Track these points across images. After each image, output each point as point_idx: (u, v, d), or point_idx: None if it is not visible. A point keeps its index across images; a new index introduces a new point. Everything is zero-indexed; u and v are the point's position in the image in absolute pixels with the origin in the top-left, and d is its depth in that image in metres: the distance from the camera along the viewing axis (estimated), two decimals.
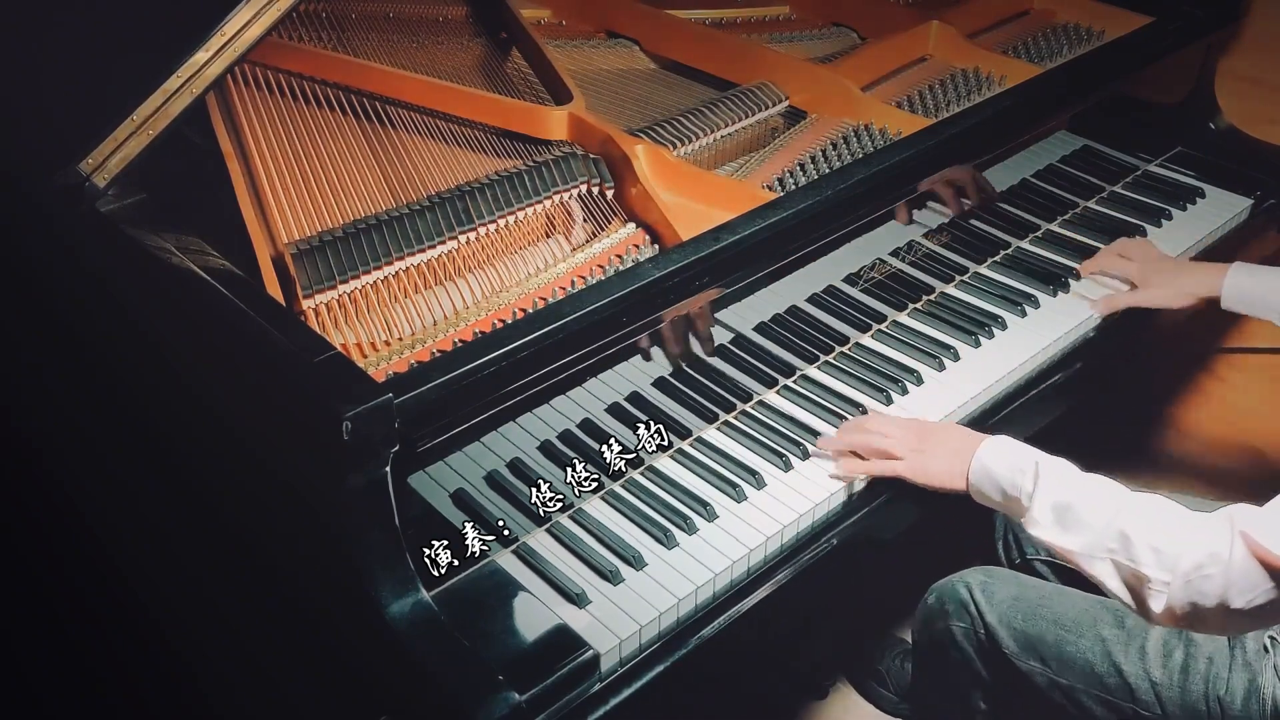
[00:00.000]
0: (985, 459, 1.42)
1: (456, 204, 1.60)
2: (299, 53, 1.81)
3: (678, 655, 1.31)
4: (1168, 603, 1.23)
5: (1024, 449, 1.41)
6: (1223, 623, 1.24)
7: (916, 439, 1.48)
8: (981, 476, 1.42)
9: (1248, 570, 1.18)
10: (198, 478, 1.47)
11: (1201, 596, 1.21)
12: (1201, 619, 1.23)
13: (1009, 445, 1.43)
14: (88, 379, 1.61)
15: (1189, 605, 1.22)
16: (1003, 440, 1.44)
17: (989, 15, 2.27)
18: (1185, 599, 1.22)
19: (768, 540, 1.42)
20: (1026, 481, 1.37)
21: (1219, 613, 1.21)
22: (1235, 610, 1.20)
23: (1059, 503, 1.33)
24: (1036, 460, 1.38)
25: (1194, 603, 1.22)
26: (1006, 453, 1.42)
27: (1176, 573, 1.22)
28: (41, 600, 1.91)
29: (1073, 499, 1.33)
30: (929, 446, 1.47)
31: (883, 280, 1.81)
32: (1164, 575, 1.23)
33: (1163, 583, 1.23)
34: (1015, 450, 1.42)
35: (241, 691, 1.57)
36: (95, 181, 1.43)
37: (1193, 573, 1.21)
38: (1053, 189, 2.10)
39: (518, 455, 1.43)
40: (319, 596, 1.30)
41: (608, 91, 1.97)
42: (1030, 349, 1.76)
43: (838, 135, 1.85)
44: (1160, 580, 1.23)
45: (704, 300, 1.51)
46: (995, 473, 1.40)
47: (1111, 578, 1.29)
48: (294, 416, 1.26)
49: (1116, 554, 1.27)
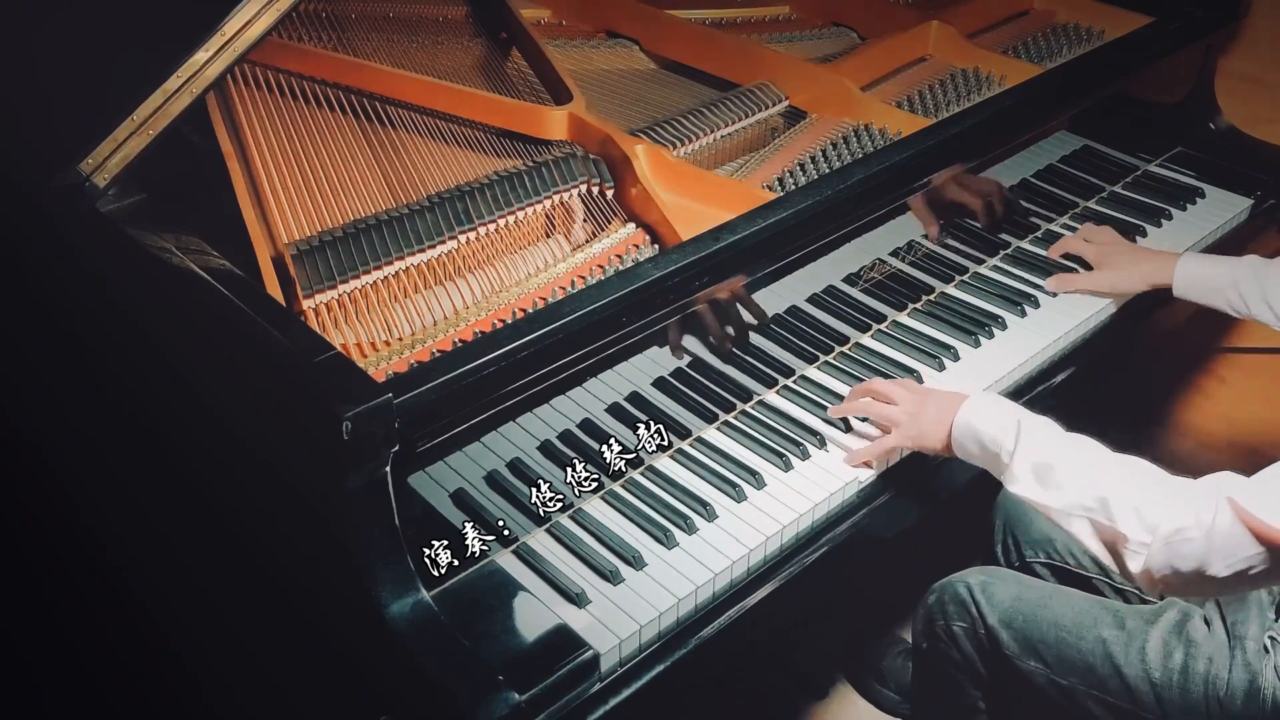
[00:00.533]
0: (968, 415, 1.43)
1: (456, 204, 1.60)
2: (299, 53, 1.80)
3: (678, 655, 1.31)
4: (1145, 564, 1.24)
5: (1007, 406, 1.44)
6: (1201, 586, 1.24)
7: (914, 405, 1.50)
8: (964, 432, 1.43)
9: (1231, 535, 1.19)
10: (198, 478, 1.47)
11: (1181, 559, 1.22)
12: (1181, 582, 1.24)
13: (992, 401, 1.46)
14: (88, 379, 1.61)
15: (1168, 567, 1.23)
16: (986, 396, 1.47)
17: (989, 15, 2.27)
18: (1164, 561, 1.23)
19: (767, 540, 1.42)
20: (1008, 439, 1.38)
21: (1197, 577, 1.22)
22: (1213, 575, 1.21)
23: (1039, 461, 1.35)
24: (1019, 418, 1.39)
25: (1173, 565, 1.23)
26: (989, 409, 1.43)
27: (1157, 534, 1.23)
28: (41, 600, 1.91)
29: (1053, 458, 1.34)
30: (922, 412, 1.49)
31: (883, 280, 1.81)
32: (1143, 536, 1.24)
33: (1141, 543, 1.24)
34: (998, 407, 1.44)
35: (241, 691, 1.57)
36: (95, 181, 1.43)
37: (1173, 535, 1.22)
38: (1053, 189, 2.10)
39: (518, 455, 1.43)
40: (319, 596, 1.30)
41: (608, 91, 1.97)
42: (1030, 349, 1.76)
43: (838, 135, 1.85)
44: (1139, 541, 1.24)
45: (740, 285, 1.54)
46: (978, 428, 1.42)
47: (1089, 537, 1.30)
48: (294, 416, 1.26)
49: (1095, 513, 1.28)
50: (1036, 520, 1.77)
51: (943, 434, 1.46)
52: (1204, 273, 1.78)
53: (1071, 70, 2.03)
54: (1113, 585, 1.70)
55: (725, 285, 1.53)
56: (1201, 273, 1.78)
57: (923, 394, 1.54)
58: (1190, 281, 1.79)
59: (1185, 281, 1.79)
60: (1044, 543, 1.76)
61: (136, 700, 1.80)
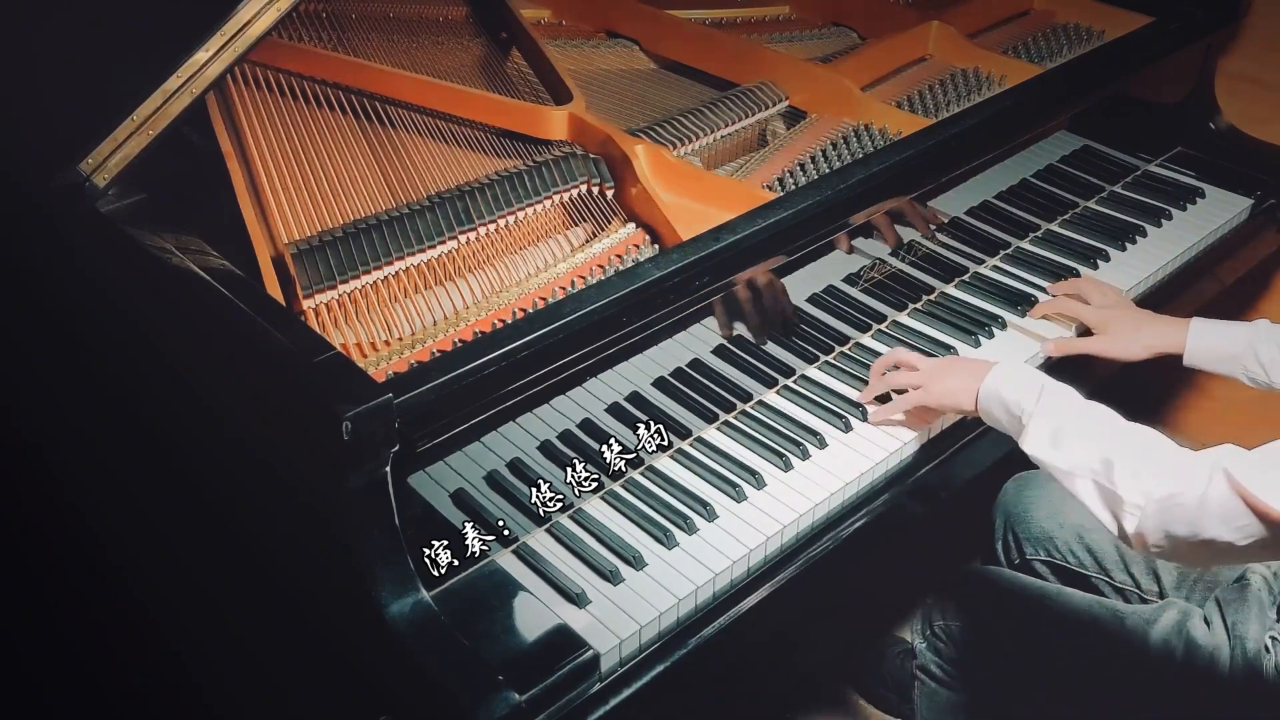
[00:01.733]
0: (995, 382, 1.46)
1: (456, 204, 1.60)
2: (299, 53, 1.81)
3: (678, 655, 1.31)
4: (1138, 526, 1.25)
5: (1033, 373, 1.47)
6: (1193, 553, 1.26)
7: (940, 368, 1.55)
8: (990, 397, 1.46)
9: (1224, 504, 1.20)
10: (198, 478, 1.47)
11: (1173, 523, 1.23)
12: (1172, 546, 1.26)
13: (1019, 368, 1.49)
14: (88, 379, 1.61)
15: (1160, 531, 1.25)
16: (1014, 365, 1.51)
17: (989, 15, 2.27)
18: (1157, 524, 1.24)
19: (768, 540, 1.42)
20: (1029, 402, 1.40)
21: (1188, 543, 1.24)
22: (1205, 540, 1.22)
23: (1055, 423, 1.37)
24: (1042, 384, 1.42)
25: (1165, 529, 1.24)
26: (1015, 375, 1.47)
27: (1150, 497, 1.24)
28: (41, 600, 1.91)
29: (1068, 421, 1.37)
30: (948, 374, 1.53)
31: (883, 280, 1.81)
32: (1138, 499, 1.25)
33: (1136, 506, 1.25)
34: (1023, 373, 1.47)
35: (241, 691, 1.57)
36: (95, 181, 1.43)
37: (1166, 500, 1.23)
38: (1053, 189, 2.10)
39: (518, 455, 1.43)
40: (319, 596, 1.30)
41: (608, 91, 1.97)
42: (1030, 349, 1.76)
43: (838, 135, 1.85)
44: (1134, 504, 1.25)
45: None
46: (1003, 393, 1.44)
47: (1092, 498, 1.31)
48: (294, 416, 1.26)
49: (1098, 475, 1.29)
50: (1037, 519, 1.77)
51: (968, 397, 1.49)
52: (1217, 341, 1.68)
53: (1071, 70, 2.03)
54: (1113, 585, 1.70)
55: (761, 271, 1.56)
56: (1215, 343, 1.68)
57: (946, 360, 1.58)
58: (1202, 351, 1.70)
59: (1197, 352, 1.70)
60: (1044, 541, 1.76)
61: (136, 700, 1.79)
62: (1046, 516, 1.76)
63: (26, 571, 1.89)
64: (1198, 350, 1.70)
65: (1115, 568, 1.69)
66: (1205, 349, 1.69)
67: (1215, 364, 1.70)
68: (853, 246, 1.74)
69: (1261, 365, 1.65)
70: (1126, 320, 1.76)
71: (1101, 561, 1.70)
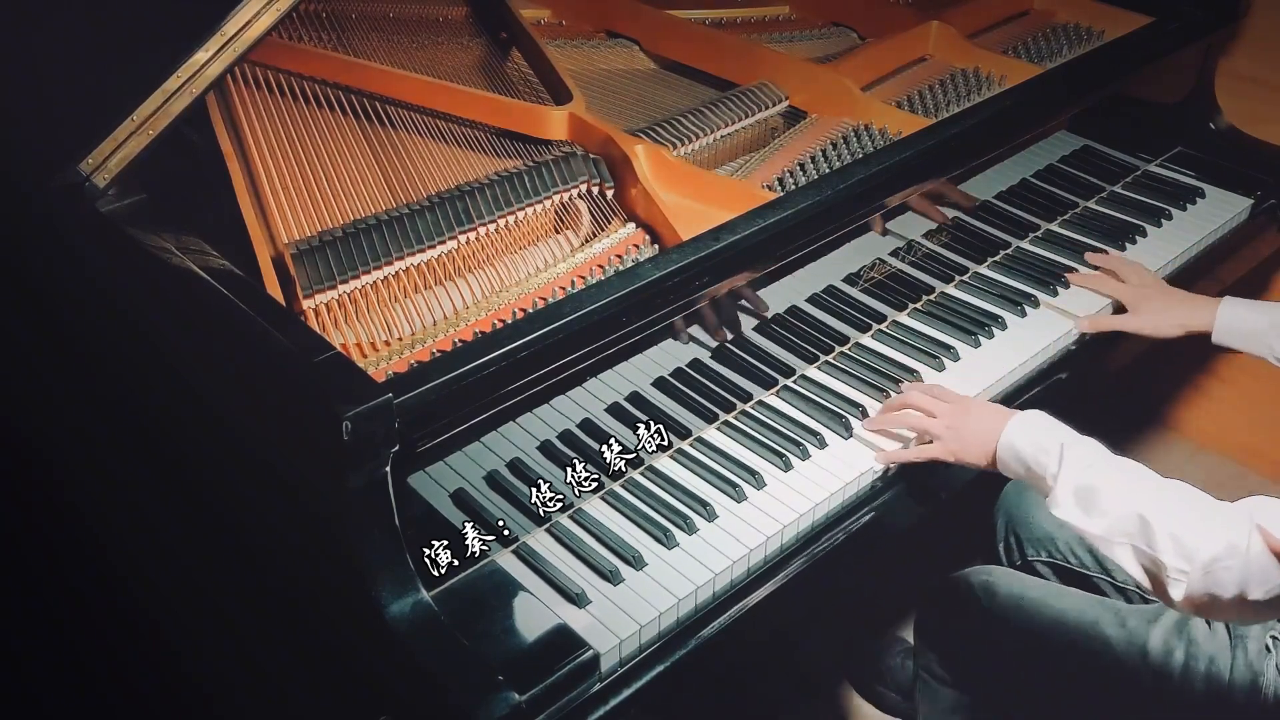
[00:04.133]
0: (1012, 437, 1.43)
1: (456, 204, 1.60)
2: (299, 53, 1.81)
3: (678, 655, 1.31)
4: (1187, 591, 1.24)
5: (1052, 428, 1.42)
6: (1240, 612, 1.25)
7: (955, 417, 1.50)
8: (1009, 454, 1.43)
9: (1265, 563, 1.19)
10: (198, 478, 1.47)
11: (1220, 587, 1.22)
12: (1220, 607, 1.24)
13: (1037, 423, 1.44)
14: (88, 379, 1.61)
15: (1206, 595, 1.23)
16: (1031, 417, 1.45)
17: (989, 15, 2.27)
18: (1204, 589, 1.23)
19: (768, 540, 1.42)
20: (1051, 463, 1.37)
21: (1236, 603, 1.22)
22: (1253, 601, 1.21)
23: (1081, 485, 1.34)
24: (1062, 442, 1.38)
25: (1211, 593, 1.23)
26: (1034, 431, 1.42)
27: (1195, 563, 1.22)
28: (41, 600, 1.91)
29: (1096, 483, 1.33)
30: (965, 425, 1.48)
31: (883, 280, 1.81)
32: (1182, 564, 1.23)
33: (1180, 571, 1.24)
34: (1043, 429, 1.42)
35: (241, 691, 1.57)
36: (95, 181, 1.42)
37: (1211, 564, 1.21)
38: (1053, 189, 2.10)
39: (518, 455, 1.43)
40: (319, 596, 1.30)
41: (608, 91, 1.97)
42: (1030, 349, 1.76)
43: (838, 135, 1.85)
44: (1178, 569, 1.24)
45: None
46: (1021, 451, 1.41)
47: (1131, 563, 1.29)
48: (294, 416, 1.26)
49: (1136, 539, 1.28)
50: (1038, 519, 1.77)
51: (987, 452, 1.45)
52: (1246, 319, 1.71)
53: (1071, 70, 2.03)
54: (1114, 584, 1.70)
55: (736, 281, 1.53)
56: (1244, 320, 1.71)
57: (962, 406, 1.52)
58: (1231, 328, 1.72)
59: (1226, 330, 1.73)
60: (1046, 541, 1.76)
61: (136, 700, 1.80)
62: (1048, 517, 1.75)
63: (27, 571, 1.89)
64: (1226, 328, 1.73)
65: (1116, 568, 1.69)
66: (1234, 327, 1.72)
67: (1243, 342, 1.72)
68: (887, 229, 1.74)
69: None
70: (1159, 298, 1.81)
71: (1102, 561, 1.70)
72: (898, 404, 1.58)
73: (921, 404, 1.54)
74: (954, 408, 1.52)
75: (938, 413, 1.51)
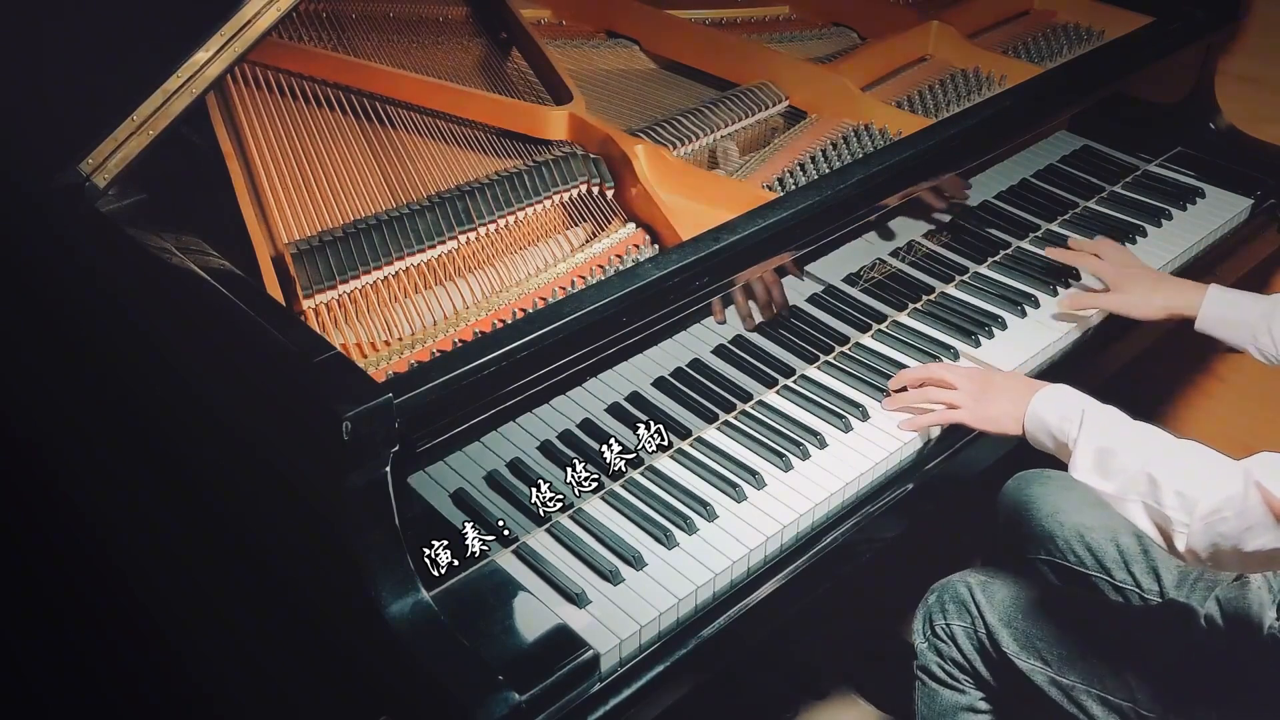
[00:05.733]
0: (1039, 407, 1.46)
1: (456, 204, 1.60)
2: (299, 53, 1.80)
3: (678, 655, 1.31)
4: (1189, 543, 1.28)
5: (1075, 397, 1.45)
6: (1240, 561, 1.29)
7: (979, 388, 1.54)
8: (1036, 424, 1.46)
9: (1259, 516, 1.22)
10: (198, 478, 1.47)
11: (1219, 538, 1.25)
12: (1221, 558, 1.28)
13: (1062, 393, 1.47)
14: (88, 379, 1.61)
15: (1209, 545, 1.27)
16: (1056, 389, 1.48)
17: (989, 15, 2.27)
18: (1205, 540, 1.26)
19: (768, 540, 1.42)
20: (1072, 428, 1.40)
21: (1235, 554, 1.26)
22: (1250, 552, 1.24)
23: (1100, 448, 1.37)
24: (1084, 408, 1.41)
25: (1213, 544, 1.26)
26: (1058, 400, 1.46)
27: (1195, 515, 1.26)
28: (42, 600, 1.91)
29: (1113, 444, 1.37)
30: (990, 394, 1.52)
31: (883, 280, 1.81)
32: (1184, 517, 1.27)
33: (1184, 524, 1.27)
34: (1066, 398, 1.46)
35: (241, 691, 1.57)
36: (95, 181, 1.43)
37: (1210, 515, 1.25)
38: (1053, 189, 2.10)
39: (518, 455, 1.43)
40: (319, 596, 1.30)
41: (608, 91, 1.97)
42: (1030, 349, 1.76)
43: (838, 135, 1.85)
44: (1181, 522, 1.27)
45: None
46: (1047, 420, 1.45)
47: (1142, 518, 1.32)
48: (294, 416, 1.26)
49: (1145, 496, 1.31)
50: (1038, 518, 1.77)
51: (1014, 423, 1.49)
52: (1233, 308, 1.69)
53: (1071, 70, 2.03)
54: (1113, 584, 1.70)
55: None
56: (1230, 308, 1.69)
57: (985, 376, 1.56)
58: (1216, 317, 1.70)
59: (1211, 317, 1.71)
60: (1045, 541, 1.76)
61: (136, 700, 1.79)
62: (1047, 516, 1.76)
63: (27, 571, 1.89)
64: (1210, 315, 1.71)
65: (1116, 567, 1.69)
66: (1218, 315, 1.70)
67: (1226, 332, 1.71)
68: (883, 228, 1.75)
69: (1273, 339, 1.66)
70: (1144, 279, 1.79)
71: (1102, 561, 1.70)
72: (918, 377, 1.59)
73: (943, 375, 1.57)
74: (976, 379, 1.55)
75: (959, 384, 1.54)
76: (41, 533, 1.86)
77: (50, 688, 1.89)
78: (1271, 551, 1.24)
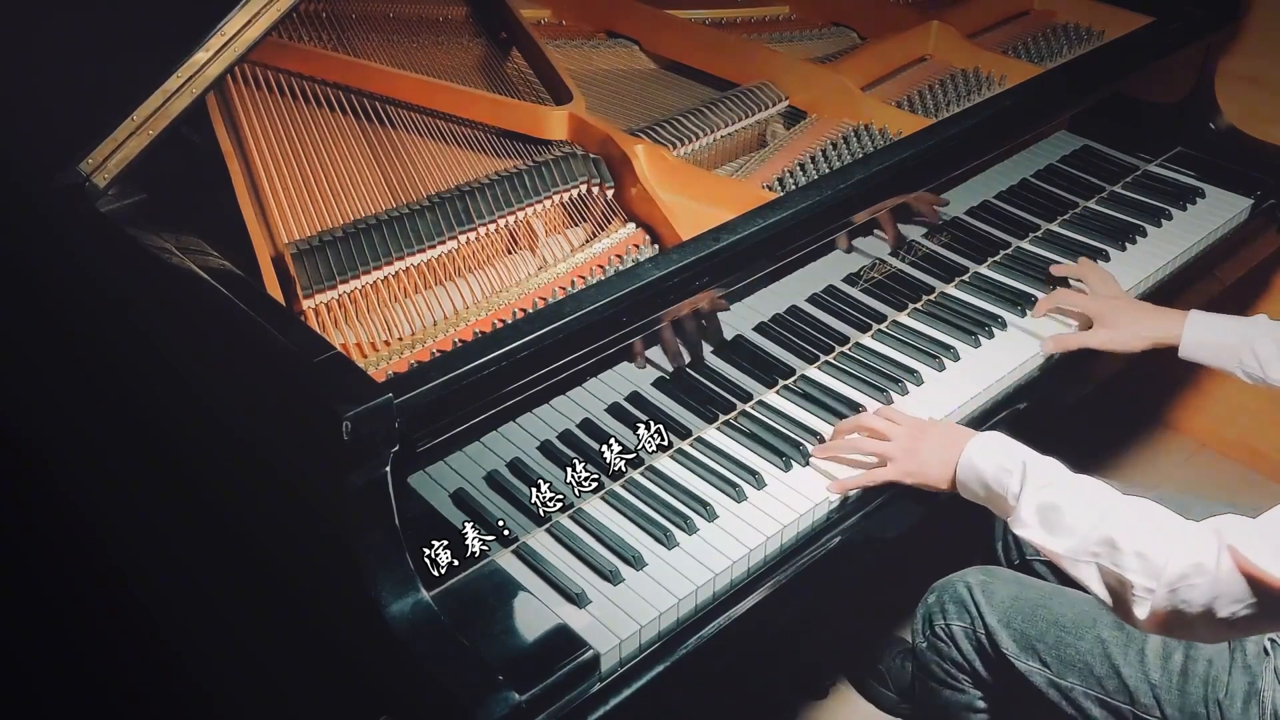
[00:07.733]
0: (973, 457, 1.41)
1: (456, 204, 1.60)
2: (299, 53, 1.80)
3: (678, 655, 1.31)
4: (1151, 609, 1.23)
5: (1012, 448, 1.41)
6: (1207, 631, 1.23)
7: (910, 439, 1.48)
8: (969, 474, 1.42)
9: (1234, 583, 1.17)
10: (198, 478, 1.47)
11: (1186, 605, 1.20)
12: (1186, 626, 1.23)
13: (997, 443, 1.42)
14: (88, 379, 1.61)
15: (1173, 612, 1.22)
16: (992, 437, 1.44)
17: (989, 15, 2.27)
18: (1169, 606, 1.21)
19: (768, 540, 1.42)
20: (1013, 482, 1.36)
21: (1203, 621, 1.21)
22: (1220, 619, 1.19)
23: (1044, 504, 1.33)
24: (1024, 460, 1.37)
25: (1178, 610, 1.21)
26: (994, 451, 1.41)
27: (1161, 580, 1.21)
28: (42, 600, 1.91)
29: (1059, 501, 1.32)
30: (921, 446, 1.47)
31: (883, 280, 1.81)
32: (1148, 582, 1.22)
33: (1146, 589, 1.22)
34: (1003, 448, 1.41)
35: (241, 691, 1.57)
36: (95, 181, 1.43)
37: (1178, 582, 1.20)
38: (1053, 189, 2.10)
39: (518, 455, 1.43)
40: (319, 596, 1.30)
41: (608, 91, 1.97)
42: (1031, 349, 1.76)
43: (838, 135, 1.85)
44: (1144, 587, 1.23)
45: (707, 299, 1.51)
46: (982, 471, 1.40)
47: (1095, 582, 1.28)
48: (294, 416, 1.26)
49: (1101, 558, 1.27)
50: None
51: (946, 473, 1.44)
52: (1214, 333, 1.69)
53: (1071, 70, 2.03)
54: None
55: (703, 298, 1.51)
56: (1211, 334, 1.69)
57: (918, 427, 1.50)
58: (1198, 342, 1.70)
59: (1193, 343, 1.71)
60: None
61: (136, 700, 1.80)
62: None
63: (27, 571, 1.89)
64: (1193, 342, 1.70)
65: None
66: (1201, 341, 1.69)
67: (1210, 357, 1.70)
68: (852, 246, 1.74)
69: (1258, 361, 1.65)
70: (1126, 312, 1.77)
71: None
72: (849, 426, 1.54)
73: (875, 425, 1.51)
74: (909, 429, 1.49)
75: (892, 435, 1.49)
76: (41, 533, 1.86)
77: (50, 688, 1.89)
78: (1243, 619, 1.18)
